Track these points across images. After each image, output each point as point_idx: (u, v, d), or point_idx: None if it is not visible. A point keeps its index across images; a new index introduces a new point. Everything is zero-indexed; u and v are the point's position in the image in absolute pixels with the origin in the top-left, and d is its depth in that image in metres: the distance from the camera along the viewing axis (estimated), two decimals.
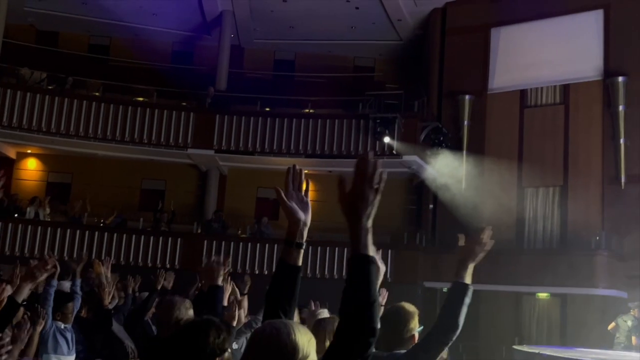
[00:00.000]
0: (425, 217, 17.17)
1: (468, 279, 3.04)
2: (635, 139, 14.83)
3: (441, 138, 16.22)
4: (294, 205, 2.19)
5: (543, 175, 15.89)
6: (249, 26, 19.45)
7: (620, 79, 15.04)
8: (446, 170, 16.09)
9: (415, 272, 15.56)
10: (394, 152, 15.95)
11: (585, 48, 15.94)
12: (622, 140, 14.91)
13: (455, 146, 16.46)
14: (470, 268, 3.05)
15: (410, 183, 17.80)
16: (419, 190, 17.61)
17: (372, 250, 1.83)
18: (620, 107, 15.00)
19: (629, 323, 11.59)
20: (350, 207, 1.85)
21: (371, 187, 1.85)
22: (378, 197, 1.86)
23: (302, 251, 2.19)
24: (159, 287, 6.96)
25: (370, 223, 1.85)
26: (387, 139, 15.82)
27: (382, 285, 3.54)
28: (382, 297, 3.60)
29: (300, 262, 2.21)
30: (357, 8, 18.12)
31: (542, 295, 15.21)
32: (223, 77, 18.49)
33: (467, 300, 3.00)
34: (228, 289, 5.05)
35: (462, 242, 3.16)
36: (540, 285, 14.66)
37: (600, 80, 15.58)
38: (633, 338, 11.36)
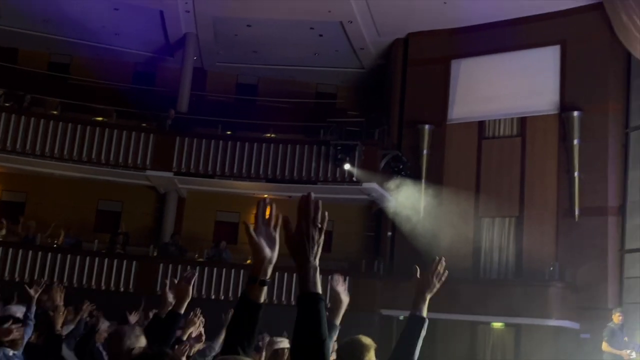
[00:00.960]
0: (384, 245, 17.23)
1: (425, 312, 3.08)
2: (589, 173, 15.17)
3: (401, 166, 16.37)
4: (262, 242, 2.14)
5: (499, 206, 16.12)
6: (213, 49, 19.44)
7: (575, 113, 15.41)
8: (405, 198, 16.21)
9: (373, 300, 15.56)
10: (354, 179, 16.02)
11: (542, 82, 16.31)
12: (576, 174, 15.23)
13: (414, 175, 16.61)
14: (427, 300, 3.10)
15: (369, 210, 17.88)
16: (378, 218, 17.69)
17: (320, 287, 1.90)
18: (575, 141, 15.35)
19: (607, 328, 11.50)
20: (297, 247, 1.93)
21: (315, 226, 1.93)
22: (322, 236, 1.94)
23: (266, 288, 2.16)
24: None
25: (317, 261, 1.93)
26: (347, 166, 15.90)
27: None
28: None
29: (262, 299, 2.17)
30: (320, 35, 18.29)
31: (497, 324, 15.34)
32: (185, 99, 18.39)
33: (423, 333, 3.04)
34: (195, 323, 4.92)
35: (418, 274, 3.19)
36: (495, 314, 14.79)
37: (556, 114, 15.94)
38: (604, 343, 11.25)
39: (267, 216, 2.17)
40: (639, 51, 14.13)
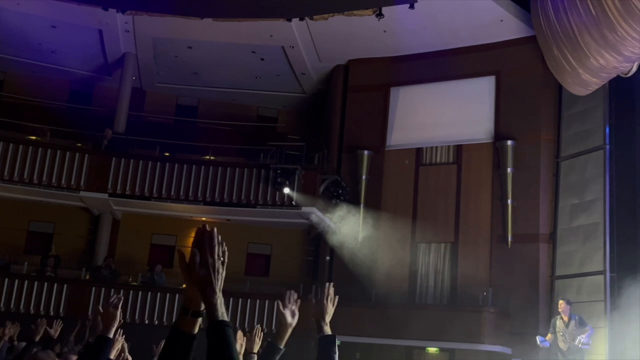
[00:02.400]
0: (322, 269, 17.24)
1: (329, 331, 3.21)
2: (521, 201, 15.57)
3: (340, 191, 16.47)
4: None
5: (435, 232, 16.37)
6: (152, 70, 19.23)
7: (509, 142, 15.84)
8: (344, 223, 16.29)
9: (310, 324, 15.47)
10: (293, 203, 16.02)
11: (477, 111, 16.73)
12: (509, 201, 15.62)
13: (353, 200, 16.73)
14: (328, 322, 3.22)
15: (308, 234, 17.89)
16: (316, 242, 17.71)
17: (226, 315, 1.97)
18: (509, 170, 15.76)
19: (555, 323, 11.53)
20: (204, 280, 1.98)
21: (217, 259, 2.01)
22: (224, 268, 2.02)
23: (200, 320, 2.09)
24: (38, 339, 6.58)
25: (221, 292, 2.00)
26: (286, 190, 15.90)
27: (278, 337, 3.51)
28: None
29: (196, 330, 2.08)
30: (262, 59, 18.33)
31: (432, 349, 15.48)
32: (122, 120, 18.09)
33: (336, 349, 3.14)
34: (120, 342, 4.81)
35: (313, 301, 3.32)
36: (430, 339, 14.93)
37: (490, 143, 16.35)
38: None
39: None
40: (570, 83, 14.66)
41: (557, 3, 13.32)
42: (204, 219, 17.77)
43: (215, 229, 2.05)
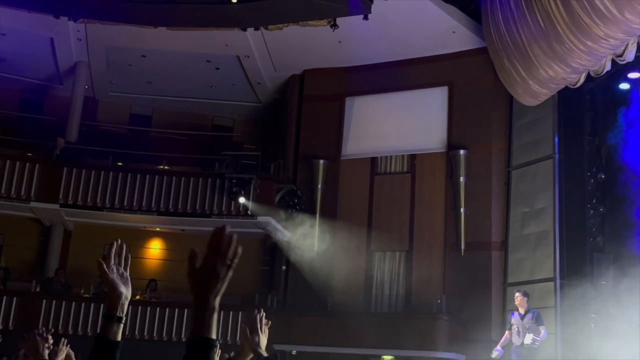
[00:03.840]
0: (278, 279, 17.21)
1: (265, 353, 3.10)
2: (474, 209, 15.83)
3: (296, 201, 16.49)
4: (116, 279, 2.15)
5: (390, 240, 16.51)
6: (105, 78, 18.97)
7: (461, 152, 16.09)
8: (299, 233, 16.31)
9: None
10: (249, 212, 15.98)
11: (431, 121, 16.97)
12: (462, 210, 15.85)
13: (309, 209, 16.77)
14: (264, 344, 3.12)
15: (263, 244, 17.84)
16: (272, 252, 17.67)
17: (214, 332, 1.75)
18: (461, 179, 16.00)
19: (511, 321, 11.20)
20: (198, 283, 1.76)
21: (224, 263, 1.77)
22: (230, 274, 1.79)
23: (122, 325, 2.15)
24: None
25: (217, 302, 1.77)
26: (242, 200, 15.85)
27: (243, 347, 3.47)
28: None
29: (119, 337, 2.15)
30: (217, 69, 18.27)
31: (387, 357, 15.57)
32: (74, 129, 17.78)
33: None
34: (64, 351, 4.72)
35: (247, 332, 3.21)
36: (386, 347, 15.02)
37: (444, 152, 16.58)
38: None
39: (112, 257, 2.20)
40: (520, 94, 14.98)
41: (507, 15, 13.62)
42: (158, 229, 17.59)
43: (227, 227, 1.82)
